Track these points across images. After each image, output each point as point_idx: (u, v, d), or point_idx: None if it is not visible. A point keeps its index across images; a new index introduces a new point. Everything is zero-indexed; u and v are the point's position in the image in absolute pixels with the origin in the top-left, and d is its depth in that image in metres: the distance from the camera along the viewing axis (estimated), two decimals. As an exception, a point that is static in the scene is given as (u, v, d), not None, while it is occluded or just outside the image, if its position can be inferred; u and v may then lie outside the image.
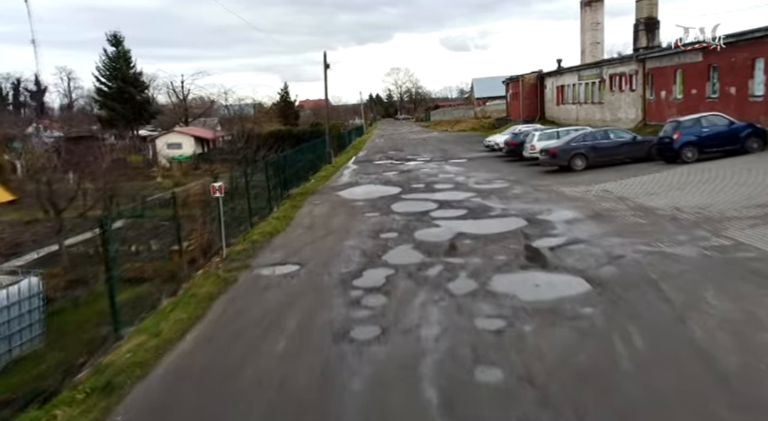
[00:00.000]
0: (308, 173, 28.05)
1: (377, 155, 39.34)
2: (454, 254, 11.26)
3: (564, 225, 12.94)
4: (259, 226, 15.43)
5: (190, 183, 32.59)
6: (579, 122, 41.94)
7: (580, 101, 42.97)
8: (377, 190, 21.61)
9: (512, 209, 15.42)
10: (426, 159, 33.13)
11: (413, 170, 27.56)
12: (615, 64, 36.02)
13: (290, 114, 64.59)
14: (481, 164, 28.20)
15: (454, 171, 25.78)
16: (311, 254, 12.16)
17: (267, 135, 39.63)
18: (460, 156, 33.56)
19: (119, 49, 59.68)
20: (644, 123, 31.94)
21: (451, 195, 18.76)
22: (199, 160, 39.74)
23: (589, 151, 21.08)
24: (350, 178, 26.27)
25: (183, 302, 9.09)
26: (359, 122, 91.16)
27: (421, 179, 23.69)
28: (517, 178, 21.38)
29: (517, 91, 55.86)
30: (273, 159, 21.56)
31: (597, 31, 53.25)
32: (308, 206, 18.83)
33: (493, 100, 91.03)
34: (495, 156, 31.81)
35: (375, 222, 15.03)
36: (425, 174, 25.54)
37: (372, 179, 25.10)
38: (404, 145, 48.19)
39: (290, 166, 23.58)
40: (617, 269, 9.33)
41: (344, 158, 38.16)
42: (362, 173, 28.09)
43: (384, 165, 31.26)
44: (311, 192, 22.38)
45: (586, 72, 41.37)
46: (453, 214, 15.42)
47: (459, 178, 22.96)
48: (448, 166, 28.08)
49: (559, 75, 48.17)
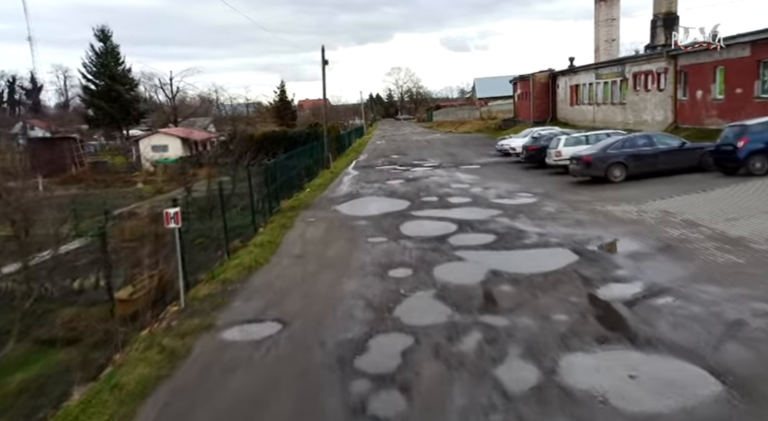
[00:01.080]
0: (304, 180, 25.04)
1: (379, 159, 36.29)
2: (493, 308, 8.23)
3: (630, 262, 9.91)
4: (237, 255, 12.39)
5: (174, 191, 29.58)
6: (596, 125, 39.00)
7: (598, 101, 39.95)
8: (381, 204, 18.58)
9: (551, 234, 12.39)
10: (434, 165, 30.08)
11: (420, 178, 24.52)
12: (640, 61, 33.01)
13: (286, 114, 61.35)
14: (497, 171, 25.16)
15: (468, 180, 22.73)
16: (299, 303, 9.12)
17: (260, 137, 36.60)
18: (471, 161, 30.52)
19: (107, 44, 56.59)
20: (674, 126, 28.93)
21: (471, 213, 15.72)
22: (186, 164, 36.71)
23: (629, 160, 18.04)
24: (350, 187, 23.23)
25: (98, 402, 6.03)
26: (359, 123, 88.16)
27: (431, 190, 20.66)
28: (545, 191, 18.35)
29: (527, 91, 52.85)
30: (260, 168, 18.52)
31: (612, 27, 50.29)
32: (301, 225, 15.78)
33: (495, 100, 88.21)
34: (510, 161, 28.79)
35: (382, 251, 12.00)
36: (435, 183, 22.50)
37: (375, 189, 22.05)
38: (407, 148, 45.16)
39: (282, 174, 20.59)
40: (747, 350, 6.29)
41: (344, 163, 35.11)
42: (364, 181, 25.04)
43: (388, 172, 28.22)
44: (305, 205, 19.34)
45: (606, 70, 38.34)
46: (478, 241, 12.39)
47: (476, 190, 19.92)
48: (460, 174, 25.04)
49: (574, 73, 45.16)
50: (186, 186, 21.20)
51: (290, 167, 23.00)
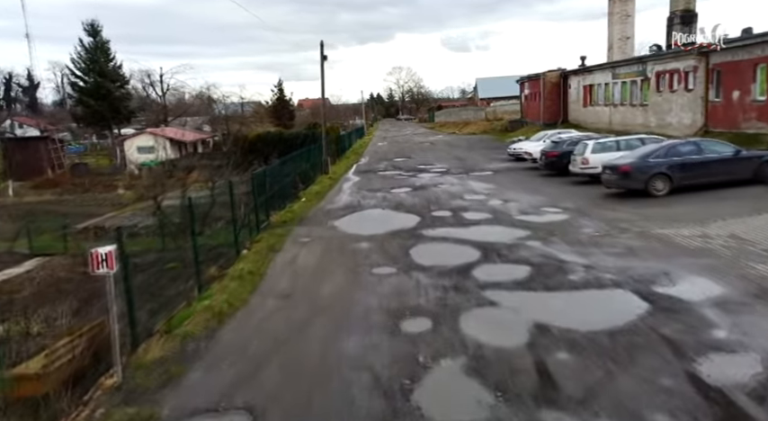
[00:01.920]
0: (299, 188, 22.57)
1: (381, 163, 33.81)
2: (553, 396, 5.77)
3: (723, 316, 7.43)
4: (210, 291, 9.92)
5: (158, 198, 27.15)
6: (613, 127, 36.61)
7: (615, 102, 37.49)
8: (386, 219, 16.14)
9: (600, 267, 9.92)
10: (442, 170, 27.61)
11: (428, 186, 22.06)
12: (665, 59, 30.54)
13: (284, 114, 58.72)
14: (514, 180, 22.68)
15: (483, 189, 20.26)
16: (278, 377, 6.65)
17: (254, 138, 34.15)
18: (482, 167, 28.04)
19: (96, 39, 54.03)
20: (704, 130, 26.48)
21: (493, 233, 13.26)
22: (174, 167, 34.29)
23: (674, 170, 15.58)
24: (350, 197, 20.74)
25: None
26: (359, 123, 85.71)
27: (443, 202, 18.20)
28: (576, 206, 15.87)
29: (536, 91, 50.41)
30: (247, 177, 16.06)
31: (627, 24, 47.79)
32: (292, 247, 13.31)
33: (498, 100, 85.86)
34: (525, 168, 26.31)
35: (390, 289, 9.54)
36: (446, 193, 20.03)
37: (379, 200, 19.57)
38: (411, 150, 42.69)
39: (273, 182, 18.16)
40: None
41: (344, 167, 32.63)
42: (366, 189, 22.56)
43: (392, 178, 25.75)
44: (299, 219, 16.88)
45: (624, 69, 35.88)
46: (510, 275, 9.92)
47: (494, 202, 17.46)
48: (472, 182, 22.56)
49: (588, 73, 42.71)
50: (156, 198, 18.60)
51: (284, 174, 20.55)
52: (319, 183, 25.14)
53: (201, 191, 27.74)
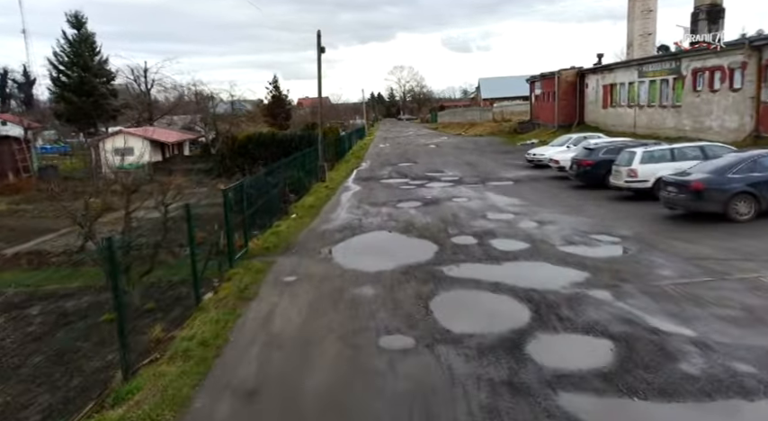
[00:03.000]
0: (290, 201, 19.25)
1: (384, 168, 30.48)
2: None
3: None
4: (134, 384, 6.56)
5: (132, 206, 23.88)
6: (638, 131, 33.36)
7: (640, 103, 34.18)
8: (395, 247, 12.84)
9: (724, 349, 6.62)
10: (454, 179, 24.29)
11: (441, 200, 18.75)
12: (705, 55, 27.20)
13: (279, 113, 55.16)
14: (542, 193, 19.38)
15: (507, 206, 16.94)
16: None
17: (243, 140, 30.81)
18: (500, 175, 24.72)
19: (81, 31, 50.69)
20: (755, 135, 23.21)
21: (539, 274, 9.99)
22: (154, 170, 30.93)
23: (763, 189, 12.27)
24: (349, 213, 17.39)
25: None
26: (360, 122, 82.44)
27: (462, 222, 14.89)
28: (635, 233, 12.56)
29: (550, 90, 47.11)
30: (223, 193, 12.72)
31: (649, 19, 44.45)
32: (270, 292, 9.97)
33: (501, 101, 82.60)
34: (549, 177, 23.02)
35: (410, 382, 6.25)
36: (464, 209, 16.72)
37: (384, 218, 16.24)
38: (415, 153, 39.35)
39: (258, 195, 14.89)
40: None
41: (343, 172, 29.29)
42: (368, 202, 19.23)
43: (397, 188, 22.42)
44: (285, 245, 13.54)
45: (653, 66, 32.55)
46: (586, 359, 6.62)
47: (527, 224, 14.14)
48: (492, 195, 19.25)
49: (608, 71, 39.42)
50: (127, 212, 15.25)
51: (271, 185, 17.24)
52: (314, 194, 21.80)
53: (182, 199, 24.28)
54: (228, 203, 11.77)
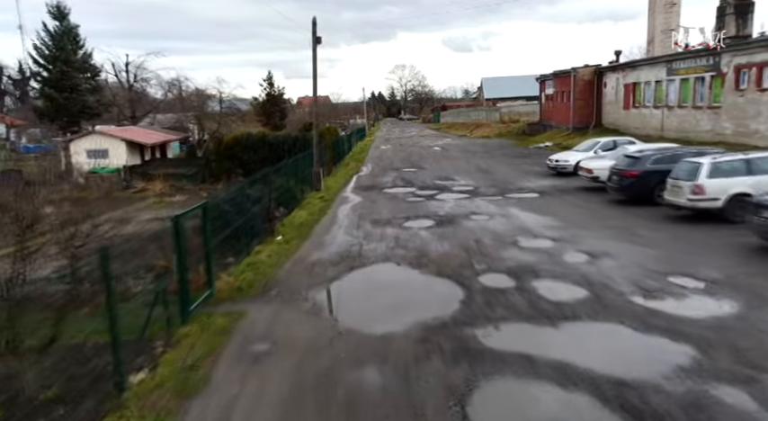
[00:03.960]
0: (278, 216, 16.14)
1: (387, 174, 27.37)
2: None
3: None
4: None
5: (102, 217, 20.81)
6: (666, 134, 30.28)
7: (669, 103, 31.06)
8: (406, 291, 9.76)
9: None
10: (468, 189, 21.18)
11: (458, 218, 15.63)
12: (753, 48, 24.08)
13: (274, 112, 51.82)
14: (579, 209, 16.25)
15: (542, 228, 13.80)
16: None
17: (230, 141, 27.64)
18: (520, 184, 21.61)
19: (63, 24, 47.65)
20: (816, 142, 20.10)
21: (622, 349, 6.96)
22: (131, 175, 27.83)
23: None
24: (347, 235, 14.24)
25: None
26: (360, 122, 79.35)
27: (488, 251, 11.79)
28: (726, 274, 9.43)
29: (564, 90, 43.99)
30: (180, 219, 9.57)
31: (672, 13, 41.32)
32: (229, 376, 6.83)
33: (504, 101, 79.48)
34: (578, 187, 19.96)
35: None
36: (489, 233, 13.59)
37: (389, 243, 13.09)
38: (420, 157, 36.24)
39: (231, 217, 11.82)
40: None
41: (341, 179, 26.16)
42: (369, 220, 16.07)
43: (403, 200, 19.29)
44: (263, 286, 10.40)
45: (686, 63, 29.40)
46: None
47: (575, 258, 11.02)
48: (518, 211, 16.13)
49: (630, 69, 36.28)
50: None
51: (254, 200, 14.13)
52: (307, 207, 18.68)
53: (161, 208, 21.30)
54: (180, 234, 8.62)
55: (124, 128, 34.68)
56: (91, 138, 28.90)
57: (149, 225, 18.75)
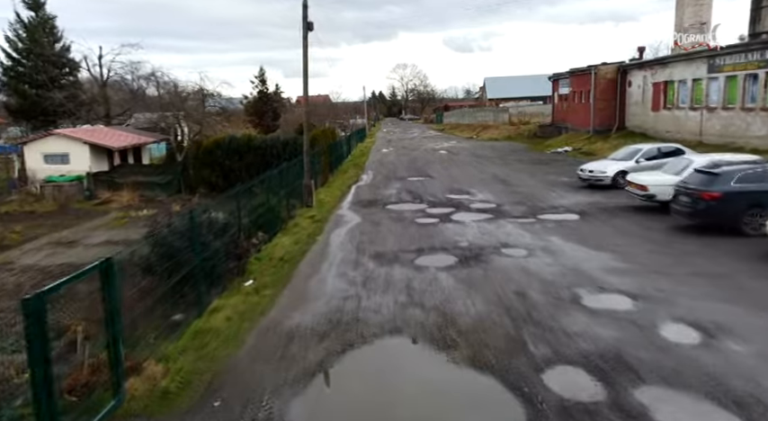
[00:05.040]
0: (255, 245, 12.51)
1: (391, 184, 23.72)
2: None
3: None
4: None
5: (42, 239, 17.43)
6: (706, 139, 26.72)
7: (710, 104, 27.41)
8: (430, 403, 6.05)
9: None
10: (489, 206, 17.52)
11: (486, 251, 11.98)
12: (824, 41, 20.45)
13: (266, 112, 47.81)
14: (639, 239, 12.56)
15: (607, 274, 10.11)
16: None
17: (211, 145, 23.93)
18: (550, 200, 17.98)
19: (39, 14, 43.88)
20: None
21: None
22: (95, 183, 24.13)
23: None
24: (339, 282, 10.52)
25: None
26: (360, 122, 75.72)
27: (544, 318, 8.14)
28: None
29: (582, 89, 40.35)
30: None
31: (703, 6, 37.65)
32: None
33: (508, 101, 76.01)
34: (626, 206, 16.35)
35: None
36: (535, 280, 9.93)
37: (398, 297, 9.37)
38: (426, 162, 32.63)
39: (187, 255, 8.27)
40: None
41: (337, 192, 22.47)
42: (370, 255, 12.37)
43: (412, 223, 15.61)
44: (206, 383, 6.72)
45: (733, 59, 25.74)
46: None
47: (681, 337, 7.35)
48: (562, 243, 12.47)
49: (661, 65, 32.61)
50: None
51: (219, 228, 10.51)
52: (293, 231, 15.02)
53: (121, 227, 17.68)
54: (38, 327, 4.92)
55: (89, 129, 30.89)
56: (49, 141, 25.19)
57: (95, 251, 15.09)
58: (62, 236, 17.00)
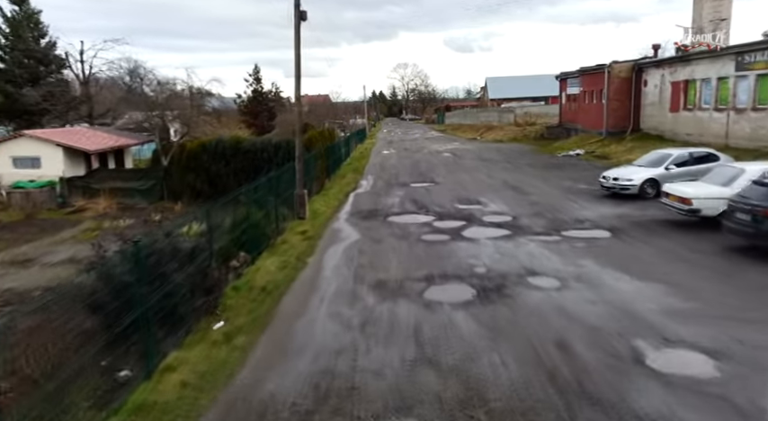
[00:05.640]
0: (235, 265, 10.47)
1: (393, 191, 21.67)
2: None
3: None
4: None
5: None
6: (732, 143, 24.74)
7: (737, 105, 25.35)
8: None
9: None
10: (504, 219, 15.46)
11: (508, 282, 9.94)
12: None
13: (261, 112, 45.44)
14: (691, 265, 10.49)
15: (665, 317, 8.04)
16: None
17: (196, 148, 21.84)
18: (572, 212, 15.93)
19: (23, 8, 41.82)
20: None
21: None
22: (70, 189, 22.08)
23: None
24: (331, 327, 8.41)
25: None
26: (360, 122, 73.75)
27: (600, 389, 6.08)
28: None
29: (594, 89, 38.31)
30: None
31: (723, 2, 35.64)
32: None
33: (510, 101, 74.02)
34: (661, 220, 14.29)
35: None
36: (574, 323, 7.90)
37: (406, 352, 7.29)
38: (430, 166, 30.59)
39: (141, 291, 6.20)
40: None
41: (333, 200, 20.39)
42: (369, 282, 10.29)
43: (419, 240, 13.54)
44: None
45: (766, 55, 23.67)
46: None
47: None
48: (598, 270, 10.41)
49: (682, 63, 30.52)
50: None
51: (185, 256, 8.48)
52: (281, 250, 12.96)
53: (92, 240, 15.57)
54: None
55: (65, 130, 28.77)
56: (19, 143, 23.09)
57: (52, 273, 13.02)
58: (20, 252, 14.97)
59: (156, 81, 28.88)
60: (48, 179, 22.16)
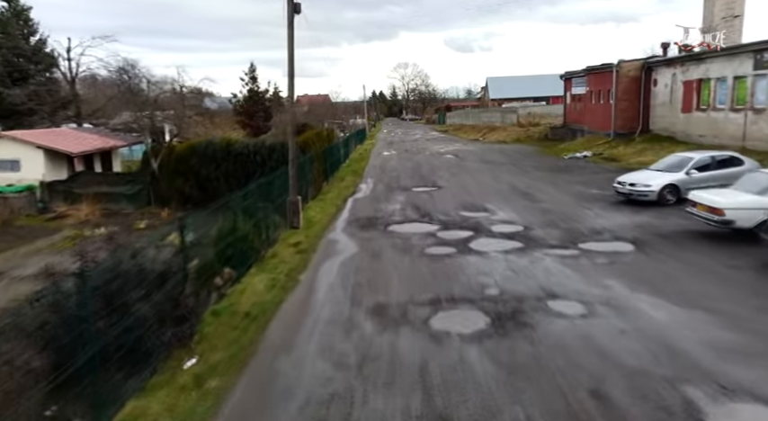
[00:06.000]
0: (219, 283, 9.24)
1: (394, 197, 20.45)
2: None
3: None
4: None
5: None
6: (750, 144, 23.50)
7: (756, 105, 24.13)
8: None
9: None
10: (515, 229, 14.22)
11: (525, 308, 8.72)
12: None
13: (257, 112, 44.16)
14: (734, 287, 9.23)
15: (716, 358, 6.79)
16: None
17: (186, 151, 20.61)
18: (588, 221, 14.70)
19: (11, 4, 40.61)
20: None
21: None
22: (51, 194, 20.88)
23: None
24: (323, 366, 7.18)
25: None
26: (360, 122, 72.56)
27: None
28: None
29: (602, 88, 37.08)
30: None
31: (736, -2, 34.44)
32: None
33: (511, 102, 72.82)
34: (686, 231, 13.09)
35: None
36: (609, 365, 6.67)
37: (413, 403, 6.09)
38: (432, 168, 29.38)
39: (92, 327, 4.93)
40: None
41: (330, 206, 19.16)
42: (367, 307, 9.07)
43: (422, 255, 12.30)
44: None
45: (788, 53, 22.47)
46: None
47: None
48: (627, 294, 9.18)
49: (695, 62, 29.27)
50: None
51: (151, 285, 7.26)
52: (269, 268, 11.72)
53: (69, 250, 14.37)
54: None
55: (46, 131, 27.49)
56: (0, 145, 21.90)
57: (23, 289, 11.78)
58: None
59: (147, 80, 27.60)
60: (27, 183, 20.95)
